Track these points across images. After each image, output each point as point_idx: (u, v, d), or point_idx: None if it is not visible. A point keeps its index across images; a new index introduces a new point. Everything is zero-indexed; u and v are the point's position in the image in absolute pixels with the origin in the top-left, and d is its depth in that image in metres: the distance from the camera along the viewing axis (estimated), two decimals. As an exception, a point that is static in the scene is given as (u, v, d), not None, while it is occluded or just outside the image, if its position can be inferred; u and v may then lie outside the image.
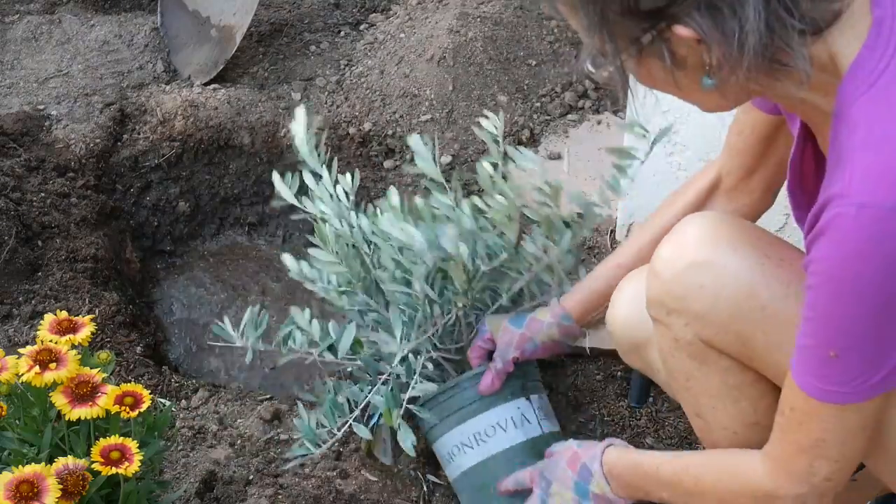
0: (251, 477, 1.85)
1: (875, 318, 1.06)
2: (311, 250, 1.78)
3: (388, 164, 2.66)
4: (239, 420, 2.00)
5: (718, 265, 1.28)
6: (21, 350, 1.45)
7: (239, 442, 1.94)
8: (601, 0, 1.06)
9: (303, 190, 1.82)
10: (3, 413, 1.43)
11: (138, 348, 2.17)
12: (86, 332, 1.50)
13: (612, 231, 2.33)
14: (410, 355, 1.74)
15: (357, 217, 1.78)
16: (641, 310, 1.44)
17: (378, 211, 1.78)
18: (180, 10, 3.04)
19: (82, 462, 1.37)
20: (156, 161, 2.70)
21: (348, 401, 1.79)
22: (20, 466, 1.32)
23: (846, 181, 1.03)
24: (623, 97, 1.18)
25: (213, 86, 2.82)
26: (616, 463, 1.49)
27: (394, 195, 1.73)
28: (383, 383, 1.77)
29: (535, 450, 1.70)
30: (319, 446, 1.75)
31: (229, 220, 2.79)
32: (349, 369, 1.84)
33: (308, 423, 1.76)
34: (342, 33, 3.08)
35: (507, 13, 2.88)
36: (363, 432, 1.74)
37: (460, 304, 1.73)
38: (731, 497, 1.32)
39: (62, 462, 1.36)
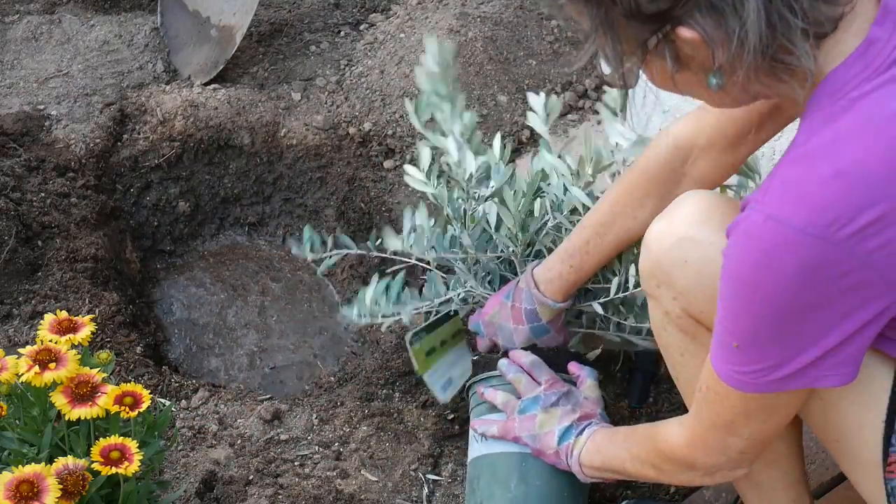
0: (251, 477, 1.85)
1: (770, 323, 1.10)
2: (407, 167, 1.90)
3: (388, 164, 2.66)
4: (239, 420, 2.00)
5: (705, 242, 1.29)
6: (21, 350, 1.45)
7: (239, 442, 1.94)
8: (605, 4, 1.07)
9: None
10: (3, 413, 1.44)
11: (138, 348, 2.17)
12: (86, 331, 1.50)
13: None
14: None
15: (466, 158, 1.84)
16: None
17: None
18: (180, 10, 3.04)
19: (82, 462, 1.37)
20: (156, 161, 2.70)
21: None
22: (20, 466, 1.32)
23: (766, 188, 1.08)
24: (622, 98, 1.19)
25: (213, 86, 2.82)
26: (600, 432, 1.57)
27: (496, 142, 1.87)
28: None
29: (524, 464, 1.68)
30: (362, 317, 1.91)
31: (229, 220, 2.79)
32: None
33: (368, 295, 1.90)
34: (342, 33, 3.07)
35: (507, 13, 2.88)
36: (406, 315, 1.89)
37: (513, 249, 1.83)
38: (659, 463, 1.40)
39: (62, 462, 1.36)
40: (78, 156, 2.60)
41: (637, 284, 1.70)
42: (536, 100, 1.88)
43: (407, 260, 1.93)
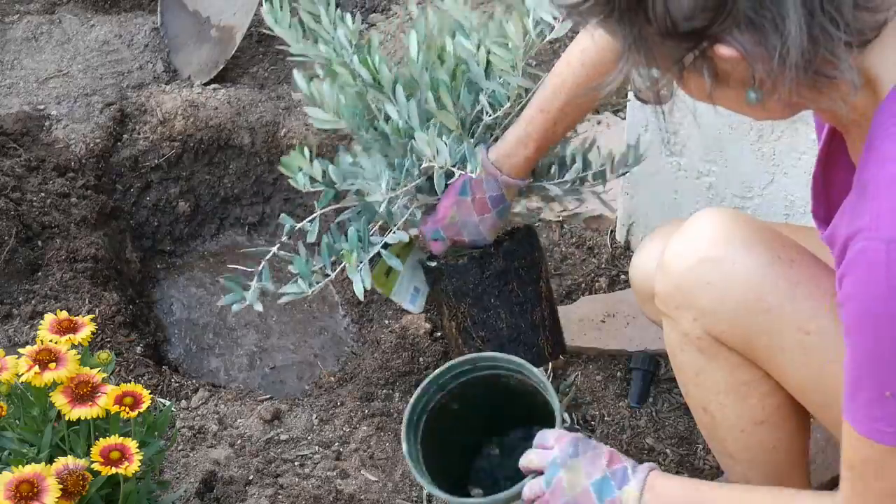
0: (251, 477, 1.85)
1: None
2: (308, 109, 1.71)
3: (388, 164, 2.66)
4: (239, 420, 2.00)
5: (728, 263, 1.27)
6: (21, 350, 1.45)
7: (239, 442, 1.94)
8: (638, 23, 1.03)
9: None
10: (3, 413, 1.44)
11: (138, 348, 2.17)
12: (86, 332, 1.50)
13: (612, 231, 2.33)
14: (394, 203, 1.71)
15: (359, 64, 1.68)
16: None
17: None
18: (180, 10, 3.04)
19: (82, 462, 1.37)
20: (156, 161, 2.70)
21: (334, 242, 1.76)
22: (20, 466, 1.32)
23: (874, 215, 1.01)
24: (659, 116, 1.15)
25: (213, 86, 2.82)
26: (660, 482, 1.34)
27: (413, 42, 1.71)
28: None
29: None
30: (312, 286, 1.73)
31: (229, 220, 2.79)
32: (346, 217, 1.82)
33: (305, 260, 1.74)
34: (342, 33, 3.07)
35: (507, 13, 2.88)
36: (352, 271, 1.70)
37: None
38: None
39: (62, 462, 1.36)
40: (78, 156, 2.60)
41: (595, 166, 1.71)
42: None
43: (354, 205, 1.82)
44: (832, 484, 1.73)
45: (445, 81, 1.68)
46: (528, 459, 1.45)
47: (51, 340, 1.46)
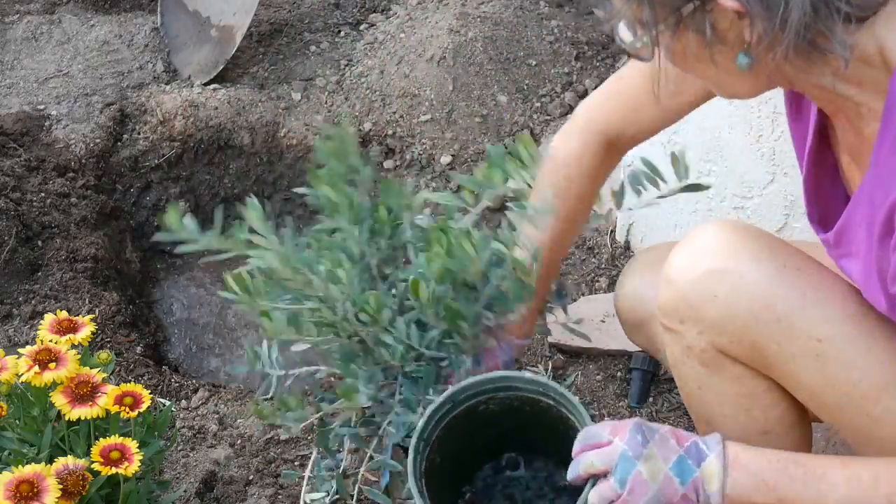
0: (251, 477, 1.85)
1: None
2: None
3: (388, 164, 2.66)
4: (239, 420, 2.00)
5: (735, 274, 1.25)
6: (21, 350, 1.45)
7: (239, 442, 1.94)
8: None
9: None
10: (3, 413, 1.44)
11: (138, 348, 2.17)
12: (86, 332, 1.50)
13: (612, 231, 2.33)
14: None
15: (356, 316, 1.47)
16: (647, 286, 1.43)
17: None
18: (180, 10, 3.04)
19: (82, 462, 1.37)
20: (156, 161, 2.70)
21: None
22: (20, 466, 1.32)
23: None
24: (655, 72, 1.13)
25: (213, 86, 2.82)
26: (743, 454, 1.21)
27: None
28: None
29: None
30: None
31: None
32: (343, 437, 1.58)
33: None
34: (342, 33, 3.07)
35: (507, 13, 2.88)
36: (382, 499, 1.47)
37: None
38: None
39: (62, 462, 1.36)
40: (78, 156, 2.60)
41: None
42: None
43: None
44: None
45: (456, 306, 1.42)
46: (587, 463, 1.23)
47: (51, 340, 1.46)
